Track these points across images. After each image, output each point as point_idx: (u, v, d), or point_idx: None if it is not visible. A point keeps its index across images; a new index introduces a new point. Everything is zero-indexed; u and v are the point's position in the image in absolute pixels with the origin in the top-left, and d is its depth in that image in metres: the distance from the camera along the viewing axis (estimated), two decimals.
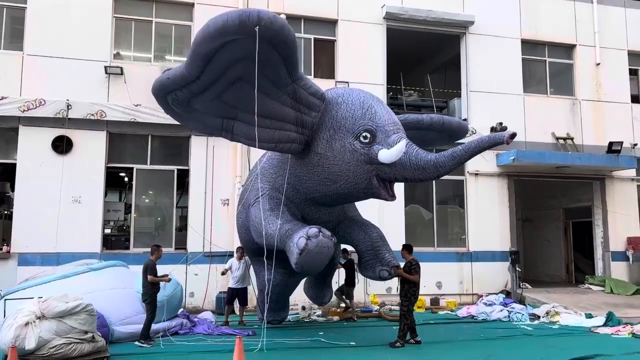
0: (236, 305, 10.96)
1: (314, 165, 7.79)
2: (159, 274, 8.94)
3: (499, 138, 7.25)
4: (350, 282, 11.57)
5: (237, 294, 10.71)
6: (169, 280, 9.22)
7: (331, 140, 7.60)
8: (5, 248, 11.85)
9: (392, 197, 7.83)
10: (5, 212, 13.25)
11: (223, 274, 10.92)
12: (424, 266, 10.77)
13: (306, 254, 7.10)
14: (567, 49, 16.45)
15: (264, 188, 8.60)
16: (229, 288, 10.84)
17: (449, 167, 7.40)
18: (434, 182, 14.63)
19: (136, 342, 8.65)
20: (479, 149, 7.36)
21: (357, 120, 7.60)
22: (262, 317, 10.06)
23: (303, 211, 8.52)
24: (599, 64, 16.32)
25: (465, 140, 9.42)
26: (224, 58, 6.65)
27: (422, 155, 7.39)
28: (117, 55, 13.15)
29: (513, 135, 7.11)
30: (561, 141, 15.58)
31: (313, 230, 7.23)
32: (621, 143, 15.17)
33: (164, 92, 7.03)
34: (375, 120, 7.63)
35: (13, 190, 12.36)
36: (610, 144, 15.17)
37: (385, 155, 7.38)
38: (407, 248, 9.08)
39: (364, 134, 7.52)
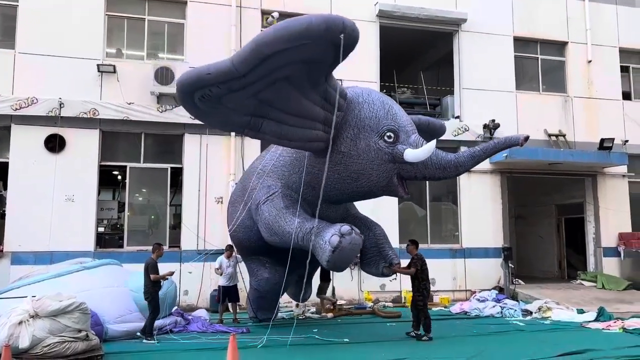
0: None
1: (336, 164, 7.88)
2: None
3: (515, 140, 7.67)
4: (326, 277, 11.58)
5: (229, 291, 10.76)
6: (172, 273, 9.37)
7: (355, 139, 7.79)
8: None
9: (407, 194, 8.20)
10: None
11: (221, 273, 10.84)
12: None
13: (339, 251, 7.25)
14: (559, 47, 16.53)
15: (277, 186, 8.64)
16: (220, 286, 10.87)
17: (469, 166, 7.97)
18: None
19: (144, 340, 8.80)
20: (496, 150, 7.91)
21: (381, 120, 7.83)
22: (254, 316, 10.27)
23: (314, 209, 8.35)
24: (590, 61, 16.42)
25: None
26: (282, 59, 6.64)
27: (443, 155, 7.83)
28: (110, 54, 13.11)
29: (526, 138, 7.53)
30: (553, 138, 15.67)
31: (346, 227, 7.41)
32: (612, 140, 15.26)
33: (197, 87, 6.85)
34: (397, 120, 7.92)
35: (5, 189, 12.30)
36: (602, 140, 15.26)
37: (412, 154, 7.69)
38: (413, 243, 9.27)
39: (387, 134, 7.78)
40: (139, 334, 8.91)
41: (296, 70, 6.92)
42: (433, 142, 7.72)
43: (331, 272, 11.43)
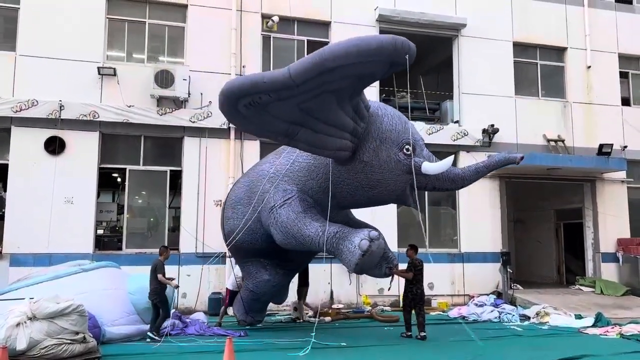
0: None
1: (357, 172, 8.33)
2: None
3: (513, 159, 8.75)
4: (305, 282, 11.58)
5: (235, 295, 10.81)
6: (176, 286, 9.62)
7: (377, 150, 8.25)
8: None
9: (416, 203, 8.71)
10: None
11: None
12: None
13: (369, 255, 7.66)
14: (559, 52, 16.58)
15: (293, 190, 8.83)
16: (231, 291, 10.82)
17: (473, 180, 8.92)
18: None
19: (150, 335, 9.05)
20: (497, 166, 9.03)
21: (400, 134, 8.39)
22: (243, 320, 10.27)
23: (325, 214, 8.67)
24: (589, 66, 16.46)
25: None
26: (340, 73, 7.00)
27: (452, 169, 8.66)
28: (110, 56, 13.16)
29: (522, 157, 8.72)
30: (552, 143, 15.70)
31: (375, 233, 7.89)
32: (611, 145, 15.30)
33: (248, 94, 7.08)
34: (413, 135, 8.55)
35: (5, 190, 12.33)
36: (601, 146, 15.30)
37: (431, 167, 8.40)
38: (413, 248, 9.75)
39: (406, 147, 8.35)
40: (149, 333, 9.08)
41: (347, 83, 7.37)
42: (450, 159, 8.50)
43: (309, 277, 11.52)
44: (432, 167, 8.40)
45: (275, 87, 7.03)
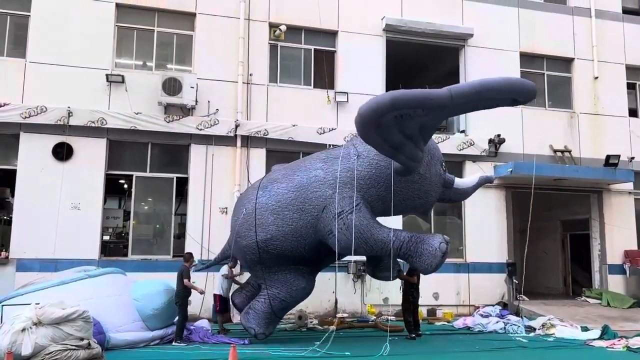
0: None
1: (413, 183, 9.26)
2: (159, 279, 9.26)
3: (490, 179, 11.23)
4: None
5: (227, 302, 10.99)
6: (202, 292, 10.41)
7: (429, 165, 9.41)
8: (3, 253, 11.89)
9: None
10: (5, 217, 13.31)
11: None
12: (421, 277, 11.02)
13: (444, 256, 8.68)
14: (566, 62, 16.58)
15: (358, 197, 9.12)
16: (222, 297, 10.96)
17: (471, 194, 10.88)
18: None
19: (173, 343, 9.42)
20: (480, 185, 10.87)
21: (438, 152, 9.92)
22: (264, 333, 9.62)
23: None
24: (597, 77, 16.44)
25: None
26: (481, 101, 7.90)
27: (465, 185, 10.47)
28: (119, 64, 13.27)
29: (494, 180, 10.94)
30: (559, 154, 15.66)
31: (447, 237, 8.90)
32: (618, 156, 15.25)
33: (412, 106, 7.53)
34: (442, 155, 10.08)
35: (13, 195, 12.42)
36: (608, 157, 15.25)
37: (462, 182, 10.39)
38: None
39: (443, 164, 9.92)
40: (174, 343, 9.46)
41: (470, 108, 8.59)
42: (476, 176, 10.74)
43: None
44: (462, 182, 10.39)
45: (434, 104, 7.55)
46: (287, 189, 9.50)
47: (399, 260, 9.78)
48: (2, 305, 8.30)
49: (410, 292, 10.73)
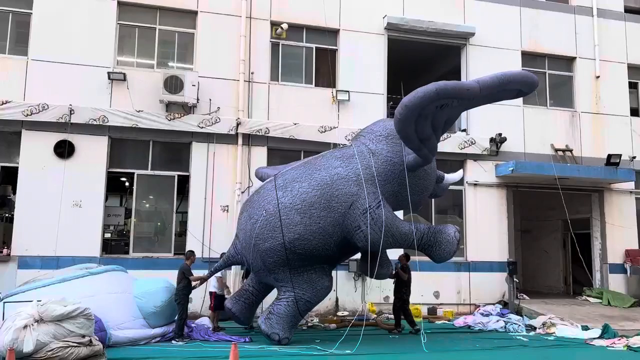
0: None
1: (419, 178, 9.73)
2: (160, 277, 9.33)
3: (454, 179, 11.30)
4: None
5: (222, 300, 10.99)
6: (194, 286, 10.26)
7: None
8: (5, 251, 11.92)
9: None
10: (7, 215, 13.33)
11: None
12: (422, 276, 11.15)
13: (459, 244, 9.47)
14: (567, 61, 16.56)
15: (378, 193, 9.37)
16: (217, 294, 11.09)
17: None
18: None
19: (172, 341, 9.49)
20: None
21: None
22: (288, 337, 9.29)
23: None
24: (598, 76, 16.42)
25: None
26: (500, 91, 8.52)
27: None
28: (120, 62, 13.28)
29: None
30: (560, 153, 15.65)
31: (457, 226, 9.60)
32: (620, 156, 15.24)
33: (452, 96, 8.05)
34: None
35: (14, 193, 12.44)
36: (609, 156, 15.24)
37: (451, 178, 11.02)
38: (406, 256, 11.41)
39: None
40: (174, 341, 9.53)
41: (485, 101, 8.93)
42: (461, 171, 11.65)
43: None
44: (452, 177, 10.96)
45: (468, 95, 8.11)
46: (311, 187, 9.38)
47: (386, 256, 10.30)
48: (4, 302, 8.33)
49: (404, 291, 11.19)
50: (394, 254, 11.29)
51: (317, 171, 9.60)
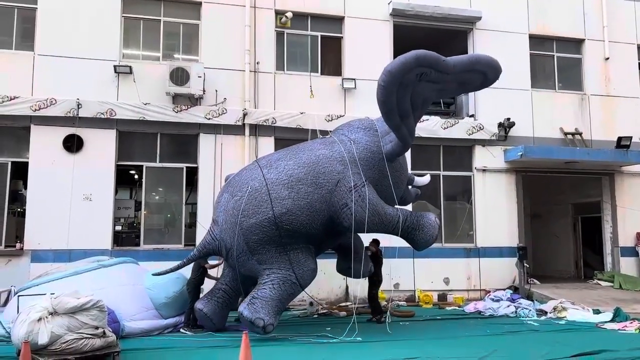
0: None
1: (395, 170, 9.86)
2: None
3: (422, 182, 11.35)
4: None
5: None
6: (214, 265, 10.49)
7: (403, 156, 10.13)
8: (18, 245, 12.08)
9: None
10: (19, 209, 13.46)
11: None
12: (432, 262, 11.09)
13: (439, 230, 9.71)
14: (576, 44, 16.35)
15: (361, 174, 9.41)
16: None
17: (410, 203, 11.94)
18: (441, 178, 14.73)
19: (180, 330, 9.59)
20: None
21: None
22: (273, 324, 8.70)
23: None
24: (608, 58, 16.21)
25: None
26: (469, 72, 9.04)
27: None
28: (126, 55, 13.29)
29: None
30: (569, 136, 15.51)
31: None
32: (630, 138, 15.05)
33: (428, 65, 8.29)
34: None
35: (25, 188, 12.56)
36: (619, 139, 15.07)
37: (420, 180, 11.27)
38: (375, 243, 11.32)
39: None
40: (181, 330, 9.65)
41: (455, 85, 9.26)
42: (428, 176, 11.57)
43: None
44: (420, 180, 11.25)
45: (444, 69, 8.39)
46: (297, 165, 9.25)
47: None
48: (19, 296, 8.43)
49: (374, 279, 11.21)
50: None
51: (301, 152, 9.65)
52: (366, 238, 10.83)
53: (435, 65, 8.31)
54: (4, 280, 11.01)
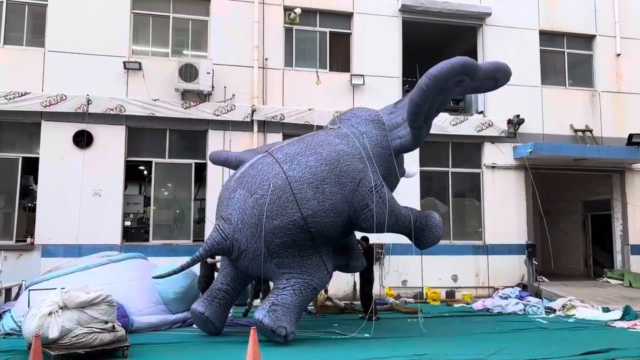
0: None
1: (400, 165, 9.88)
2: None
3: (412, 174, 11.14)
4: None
5: None
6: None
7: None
8: (29, 240, 12.20)
9: None
10: (29, 204, 13.58)
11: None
12: (440, 259, 11.01)
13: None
14: (587, 40, 16.20)
15: (378, 172, 9.15)
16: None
17: None
18: (450, 174, 14.68)
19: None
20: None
21: None
22: (293, 332, 8.21)
23: None
24: (619, 54, 16.06)
25: None
26: (483, 78, 8.90)
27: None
28: (136, 51, 13.35)
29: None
30: (580, 133, 15.39)
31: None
32: None
33: (467, 72, 8.22)
34: None
35: (36, 183, 12.67)
36: (630, 136, 14.94)
37: (411, 172, 10.95)
38: (365, 239, 11.02)
39: None
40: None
41: (471, 88, 9.44)
42: (415, 168, 11.99)
43: None
44: (411, 171, 11.06)
45: (476, 76, 8.35)
46: (319, 162, 8.54)
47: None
48: (29, 290, 8.52)
49: (369, 276, 10.95)
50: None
51: (319, 147, 8.79)
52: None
53: (474, 73, 8.25)
54: (15, 275, 11.16)
